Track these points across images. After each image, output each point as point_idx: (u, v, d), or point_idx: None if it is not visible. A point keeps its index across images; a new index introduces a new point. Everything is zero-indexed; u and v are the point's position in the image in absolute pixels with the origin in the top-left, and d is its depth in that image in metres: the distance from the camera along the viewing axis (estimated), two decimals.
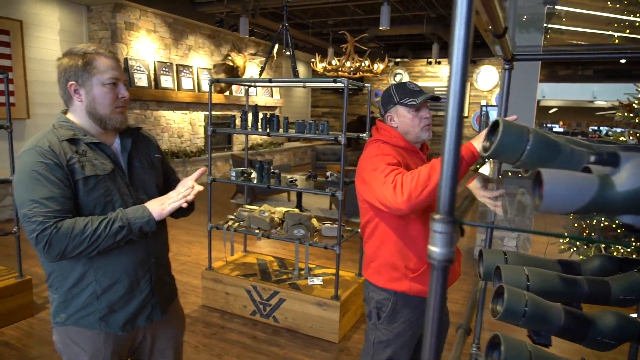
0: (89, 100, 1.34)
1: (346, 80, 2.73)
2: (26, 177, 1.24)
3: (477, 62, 11.82)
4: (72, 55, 1.33)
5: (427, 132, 1.66)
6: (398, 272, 1.64)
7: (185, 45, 8.24)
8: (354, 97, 13.87)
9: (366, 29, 9.12)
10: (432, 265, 0.60)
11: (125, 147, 1.44)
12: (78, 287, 1.35)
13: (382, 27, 5.96)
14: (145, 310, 1.45)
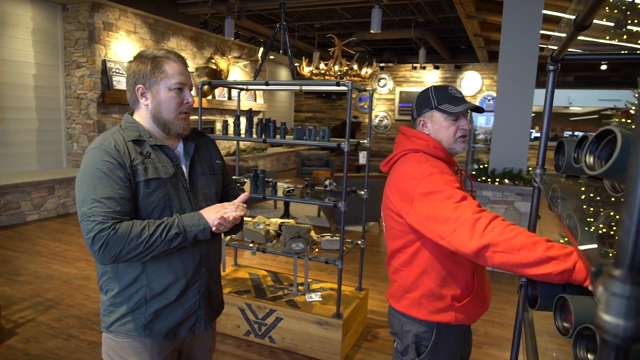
0: (154, 104, 1.32)
1: (350, 84, 2.55)
2: (89, 175, 1.22)
3: (462, 68, 11.83)
4: (142, 59, 1.32)
5: (462, 144, 1.48)
6: (443, 303, 1.44)
7: (166, 47, 7.93)
8: (338, 102, 13.74)
9: (353, 32, 8.99)
10: (606, 342, 0.41)
11: (188, 151, 1.41)
12: (129, 290, 1.32)
13: (372, 30, 5.82)
14: (190, 321, 1.40)
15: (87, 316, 3.24)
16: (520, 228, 1.13)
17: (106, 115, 6.89)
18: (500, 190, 4.49)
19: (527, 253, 1.07)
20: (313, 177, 8.16)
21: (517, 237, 1.10)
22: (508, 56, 4.48)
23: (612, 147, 0.73)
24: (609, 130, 0.71)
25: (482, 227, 1.14)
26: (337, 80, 2.52)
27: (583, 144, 1.04)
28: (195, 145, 1.43)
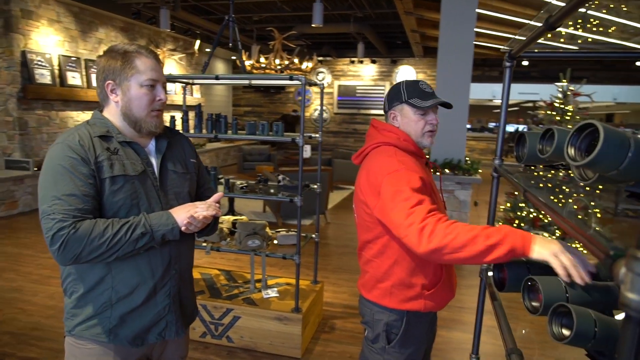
0: (125, 101, 1.27)
1: (304, 78, 2.55)
2: (51, 171, 1.17)
3: (397, 62, 12.20)
4: (111, 53, 1.27)
5: (430, 138, 1.52)
6: (413, 292, 1.49)
7: (95, 38, 7.44)
8: (277, 96, 13.65)
9: (292, 26, 8.96)
10: (630, 317, 0.45)
11: (159, 149, 1.36)
12: (94, 292, 1.26)
13: (314, 24, 5.84)
14: (159, 326, 1.34)
15: (22, 331, 2.99)
16: (460, 226, 1.21)
17: (28, 112, 6.34)
18: (442, 180, 4.71)
19: (470, 248, 1.17)
20: (257, 171, 8.07)
21: (459, 237, 1.18)
22: (446, 52, 4.69)
23: (590, 139, 0.80)
24: (589, 123, 0.77)
25: (428, 235, 1.21)
26: (290, 75, 2.50)
27: (546, 136, 1.12)
28: (168, 142, 1.38)
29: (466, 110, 4.74)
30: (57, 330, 3.01)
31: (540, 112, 4.61)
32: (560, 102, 4.38)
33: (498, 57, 10.53)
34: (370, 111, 12.67)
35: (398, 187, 1.33)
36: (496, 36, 7.57)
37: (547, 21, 0.91)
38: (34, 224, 5.66)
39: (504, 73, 1.46)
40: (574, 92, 4.33)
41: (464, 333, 3.13)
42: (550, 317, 0.96)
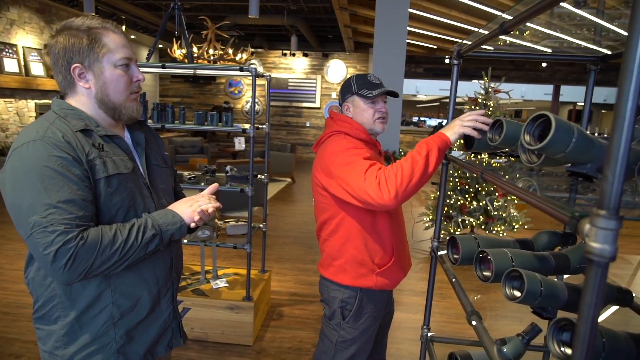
0: (99, 86, 1.10)
1: (254, 69, 2.58)
2: (35, 175, 0.97)
3: (329, 56, 12.42)
4: (72, 31, 1.07)
5: (381, 125, 1.66)
6: (365, 268, 1.61)
7: (5, 18, 6.78)
8: (207, 87, 13.30)
9: (223, 16, 8.78)
10: (593, 262, 0.59)
11: (138, 142, 1.22)
12: (90, 313, 1.09)
13: (251, 15, 5.79)
14: (166, 335, 1.23)
15: None
16: (398, 162, 1.42)
17: None
18: None
19: (417, 169, 1.37)
20: (190, 164, 7.87)
21: (404, 169, 1.38)
22: (380, 49, 4.91)
23: (541, 128, 0.96)
24: (542, 114, 0.92)
25: (385, 184, 1.38)
26: (241, 66, 2.52)
27: (495, 126, 1.29)
28: (144, 135, 1.25)
29: (400, 105, 5.02)
30: None
31: (466, 107, 5.00)
32: (483, 98, 4.78)
33: (423, 54, 11.11)
34: (302, 104, 12.79)
35: (349, 160, 1.46)
36: (422, 34, 8.01)
37: (502, 26, 1.06)
38: None
39: (452, 70, 1.62)
40: (494, 89, 4.75)
41: (404, 313, 3.36)
42: (503, 281, 1.12)
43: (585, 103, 1.62)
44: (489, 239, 1.45)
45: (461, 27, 6.77)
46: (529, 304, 1.09)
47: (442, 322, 3.24)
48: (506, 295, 1.11)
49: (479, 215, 4.74)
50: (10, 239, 4.57)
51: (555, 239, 1.50)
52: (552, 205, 0.71)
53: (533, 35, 3.68)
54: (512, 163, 1.48)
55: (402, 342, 2.94)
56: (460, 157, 1.75)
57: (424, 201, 7.11)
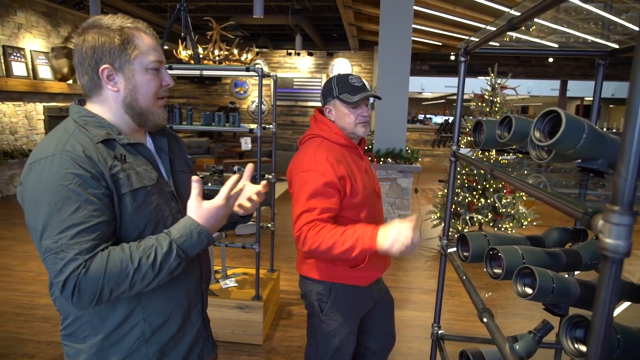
0: (129, 89, 1.04)
1: (260, 70, 2.59)
2: (49, 195, 0.91)
3: (333, 55, 12.41)
4: (102, 30, 1.00)
5: (363, 128, 1.64)
6: (338, 266, 1.65)
7: (13, 22, 6.85)
8: (213, 87, 13.34)
9: (227, 16, 8.80)
10: (607, 258, 0.59)
11: (161, 147, 1.15)
12: (121, 331, 1.04)
13: (255, 15, 5.81)
14: (197, 347, 1.19)
15: None
16: (325, 233, 1.47)
17: None
18: (385, 168, 4.94)
19: (333, 253, 1.45)
20: (197, 164, 7.90)
21: (323, 244, 1.46)
22: (385, 47, 4.89)
23: (551, 124, 0.95)
24: (552, 110, 0.92)
25: (302, 241, 1.50)
26: (247, 66, 2.53)
27: (504, 123, 1.29)
28: (167, 139, 1.18)
29: (406, 102, 5.00)
30: None
31: (472, 104, 4.98)
32: (489, 94, 4.75)
33: (428, 52, 11.07)
34: (308, 103, 12.79)
35: (301, 188, 1.53)
36: (427, 32, 7.98)
37: (509, 22, 1.06)
38: None
39: (459, 67, 1.61)
40: (501, 85, 4.72)
41: (413, 311, 3.36)
42: (515, 278, 1.12)
43: (594, 98, 1.61)
44: (499, 236, 1.44)
45: (466, 24, 6.73)
46: (541, 301, 1.09)
47: (452, 319, 3.23)
48: (518, 292, 1.10)
49: (487, 212, 4.72)
50: (21, 241, 4.62)
51: (566, 236, 1.49)
52: (564, 201, 0.71)
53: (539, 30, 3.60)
54: (520, 160, 1.48)
55: (412, 340, 2.93)
56: (468, 154, 1.74)
57: (431, 199, 7.10)
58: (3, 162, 6.49)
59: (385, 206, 5.04)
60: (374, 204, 1.69)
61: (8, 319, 3.04)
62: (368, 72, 12.43)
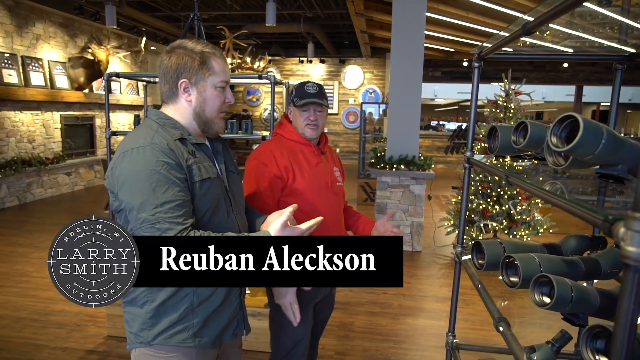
0: (200, 101, 1.27)
1: (273, 77, 2.60)
2: (144, 177, 1.12)
3: (345, 62, 12.44)
4: (187, 51, 1.25)
5: (310, 130, 1.75)
6: None
7: (32, 33, 7.01)
8: None
9: (241, 25, 8.89)
10: (630, 266, 0.57)
11: (217, 149, 1.39)
12: (174, 299, 1.21)
13: (268, 24, 5.87)
14: (233, 324, 1.35)
15: None
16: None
17: None
18: (398, 175, 4.91)
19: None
20: None
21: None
22: (398, 54, 4.89)
23: (569, 129, 0.94)
24: (569, 115, 0.90)
25: None
26: (260, 73, 2.55)
27: (519, 128, 1.27)
28: (221, 144, 1.42)
29: (418, 109, 4.97)
30: (13, 340, 2.87)
31: (486, 110, 4.94)
32: (503, 100, 4.71)
33: (441, 58, 11.03)
34: None
35: (246, 174, 1.71)
36: (439, 38, 7.96)
37: (524, 27, 1.05)
38: None
39: (472, 73, 1.60)
40: (515, 91, 4.67)
41: (427, 319, 3.32)
42: (532, 287, 1.10)
43: (611, 103, 1.58)
44: (515, 244, 1.42)
45: (479, 30, 6.70)
46: (559, 311, 1.06)
47: (466, 328, 3.18)
48: (535, 301, 1.08)
49: (502, 219, 4.66)
50: (37, 247, 4.69)
51: (584, 243, 1.46)
52: (583, 208, 0.70)
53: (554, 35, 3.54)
54: (536, 166, 1.45)
55: (426, 349, 2.89)
56: (482, 160, 1.72)
57: (444, 206, 7.03)
58: (21, 170, 6.61)
59: (398, 213, 5.01)
60: (326, 198, 1.77)
61: (25, 325, 3.08)
62: (380, 78, 12.44)
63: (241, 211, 1.41)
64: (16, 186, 6.70)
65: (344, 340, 2.99)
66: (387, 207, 5.02)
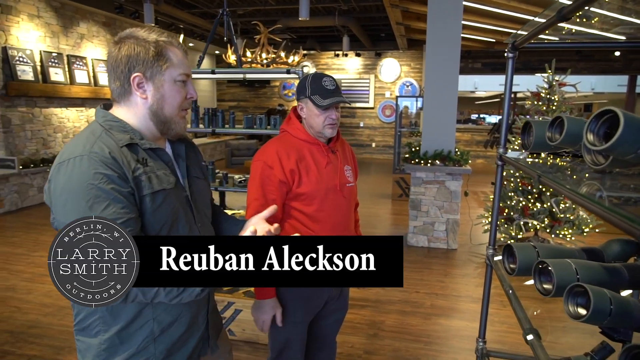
0: (157, 98, 1.10)
1: (300, 71, 2.56)
2: (81, 193, 0.96)
3: (382, 55, 12.25)
4: (138, 41, 1.07)
5: (331, 129, 1.65)
6: None
7: (76, 33, 7.29)
8: (262, 90, 13.58)
9: (276, 20, 8.91)
10: None
11: (178, 153, 1.21)
12: (131, 328, 1.08)
13: (301, 18, 5.83)
14: (198, 348, 1.22)
15: (20, 329, 2.96)
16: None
17: (11, 109, 6.21)
18: (432, 171, 4.78)
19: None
20: (246, 166, 8.06)
21: None
22: (434, 46, 4.74)
23: (607, 125, 0.84)
24: (608, 109, 0.81)
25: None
26: (288, 68, 2.51)
27: (555, 124, 1.17)
28: (184, 146, 1.24)
29: (455, 102, 4.81)
30: (55, 328, 2.99)
31: (527, 103, 4.71)
32: (546, 92, 4.47)
33: (481, 49, 10.66)
34: (356, 104, 12.71)
35: (253, 175, 1.64)
36: (479, 28, 7.68)
37: (560, 12, 0.95)
38: (21, 222, 5.56)
39: (506, 64, 1.50)
40: (559, 82, 4.43)
41: (461, 320, 3.21)
42: (566, 297, 1.01)
43: None
44: (551, 248, 1.32)
45: (521, 19, 6.39)
46: (596, 324, 0.97)
47: (503, 332, 3.05)
48: (569, 313, 0.99)
49: (544, 217, 4.44)
50: None
51: (629, 248, 1.34)
52: (619, 217, 0.61)
53: (603, 22, 3.35)
54: (581, 162, 1.34)
55: (459, 351, 2.80)
56: (520, 157, 1.62)
57: (482, 202, 6.81)
58: None
59: (433, 210, 4.88)
60: (334, 202, 1.69)
61: (66, 313, 3.21)
62: (417, 71, 12.17)
63: (205, 222, 1.24)
64: None
65: (373, 340, 2.93)
66: (422, 203, 4.90)
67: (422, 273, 4.13)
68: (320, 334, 1.91)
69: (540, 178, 1.01)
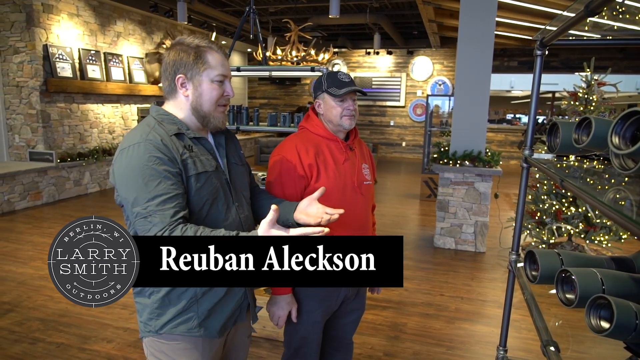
0: (195, 95, 1.28)
1: (325, 69, 2.54)
2: (138, 173, 1.17)
3: (414, 53, 12.07)
4: (182, 47, 1.27)
5: (349, 121, 1.67)
6: None
7: (113, 31, 7.52)
8: (292, 88, 13.64)
9: (307, 17, 8.91)
10: None
11: (219, 143, 1.40)
12: (177, 290, 1.25)
13: (332, 15, 5.80)
14: (237, 312, 1.37)
15: (51, 317, 3.08)
16: None
17: (51, 105, 6.46)
18: (461, 171, 4.67)
19: None
20: None
21: None
22: (466, 43, 4.61)
23: (635, 127, 0.78)
24: (634, 111, 0.75)
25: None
26: (312, 66, 2.50)
27: (582, 125, 1.11)
28: (224, 137, 1.42)
29: (486, 101, 4.67)
30: (84, 317, 3.09)
31: (563, 103, 4.52)
32: (584, 92, 4.28)
33: (517, 47, 10.34)
34: (386, 103, 12.58)
35: (270, 170, 1.66)
36: (515, 25, 7.44)
37: (587, 7, 0.89)
38: (58, 214, 5.79)
39: (534, 62, 1.43)
40: (598, 81, 4.23)
41: (486, 326, 3.11)
42: (587, 309, 0.95)
43: None
44: (576, 256, 1.25)
45: (558, 15, 6.15)
46: (620, 339, 0.91)
47: (530, 339, 2.94)
48: (591, 326, 0.93)
49: (578, 222, 4.26)
50: None
51: None
52: None
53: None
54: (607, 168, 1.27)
55: (482, 358, 2.72)
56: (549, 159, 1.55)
57: (514, 205, 6.60)
58: (102, 159, 7.15)
59: (461, 211, 4.77)
60: (351, 199, 1.68)
61: None
62: (450, 70, 11.93)
63: (243, 203, 1.40)
64: (97, 173, 7.26)
65: (394, 342, 2.89)
66: (450, 204, 4.80)
67: (448, 275, 4.04)
68: (337, 334, 1.89)
69: (562, 182, 0.95)
